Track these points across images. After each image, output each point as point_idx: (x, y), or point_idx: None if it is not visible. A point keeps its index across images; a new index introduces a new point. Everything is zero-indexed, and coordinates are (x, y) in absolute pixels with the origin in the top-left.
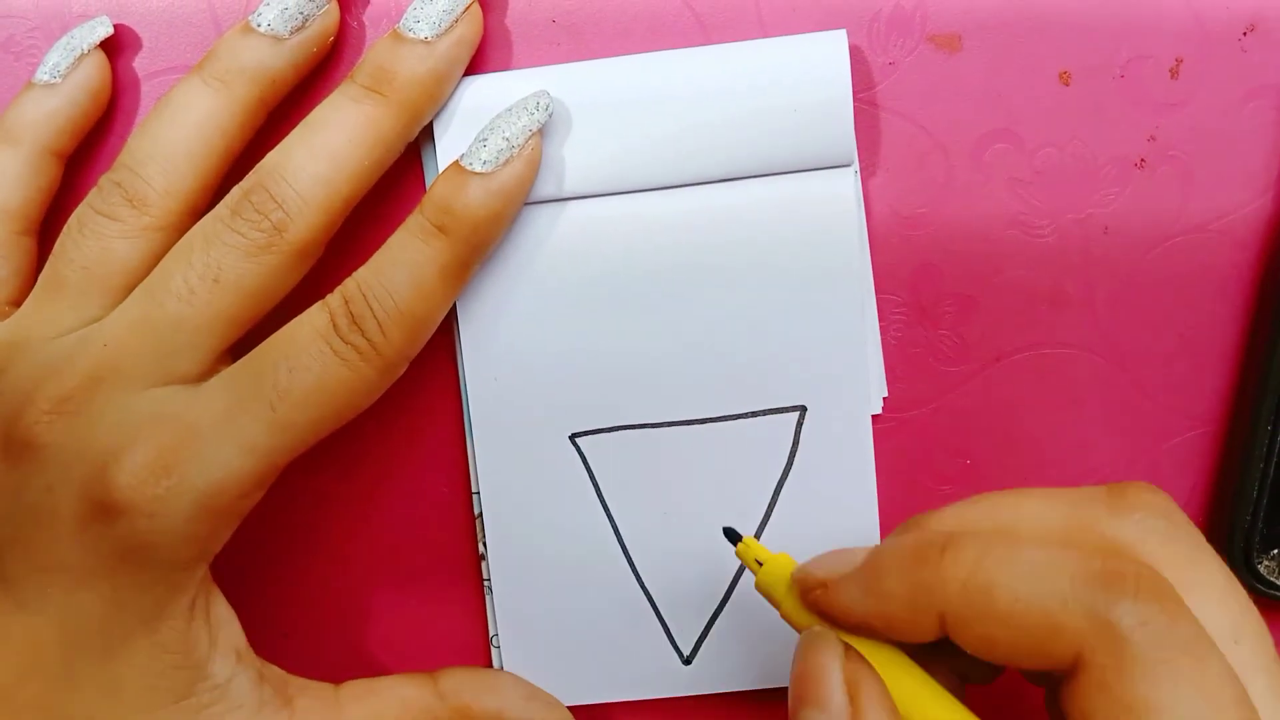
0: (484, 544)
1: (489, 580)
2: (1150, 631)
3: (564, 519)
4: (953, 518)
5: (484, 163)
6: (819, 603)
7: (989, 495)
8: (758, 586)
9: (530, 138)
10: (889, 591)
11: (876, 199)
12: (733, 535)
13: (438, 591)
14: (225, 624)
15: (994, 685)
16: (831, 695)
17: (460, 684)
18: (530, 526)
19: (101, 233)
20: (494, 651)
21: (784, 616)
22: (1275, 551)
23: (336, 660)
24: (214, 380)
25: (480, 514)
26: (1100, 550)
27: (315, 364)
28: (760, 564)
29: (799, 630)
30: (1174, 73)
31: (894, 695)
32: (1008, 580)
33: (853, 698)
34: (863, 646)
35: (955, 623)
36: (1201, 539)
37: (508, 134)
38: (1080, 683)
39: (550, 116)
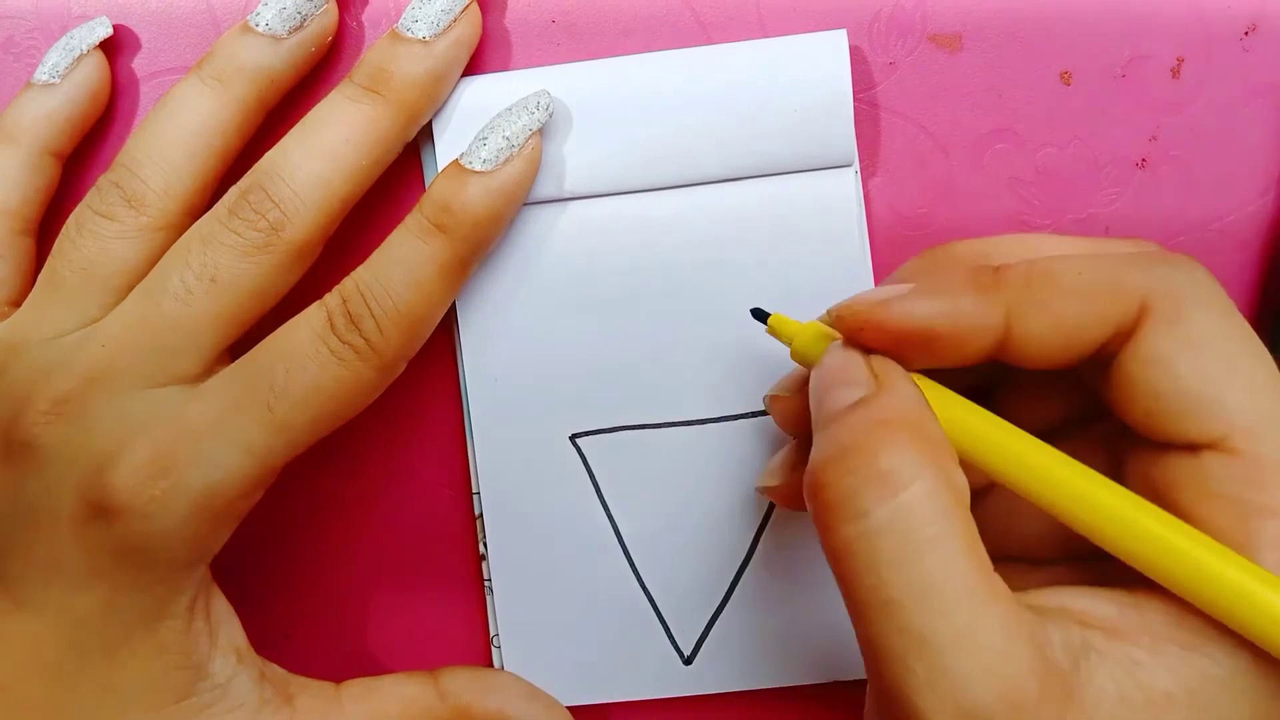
0: (484, 544)
1: (489, 580)
2: (1197, 278)
3: (564, 519)
4: (977, 247)
5: (484, 161)
6: (898, 318)
7: (1012, 235)
8: (794, 355)
9: (530, 137)
10: (955, 294)
11: (877, 199)
12: (760, 314)
13: (438, 592)
14: (225, 623)
15: None
16: (857, 372)
17: (461, 683)
18: (531, 527)
19: (99, 233)
20: (495, 651)
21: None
22: None
23: (337, 660)
24: (211, 381)
25: (481, 514)
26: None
27: (312, 364)
28: (796, 331)
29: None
30: (1175, 72)
31: (939, 408)
32: (1069, 262)
33: (877, 375)
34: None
35: (1025, 313)
36: (1230, 306)
37: (508, 133)
38: (1146, 331)
39: (551, 116)
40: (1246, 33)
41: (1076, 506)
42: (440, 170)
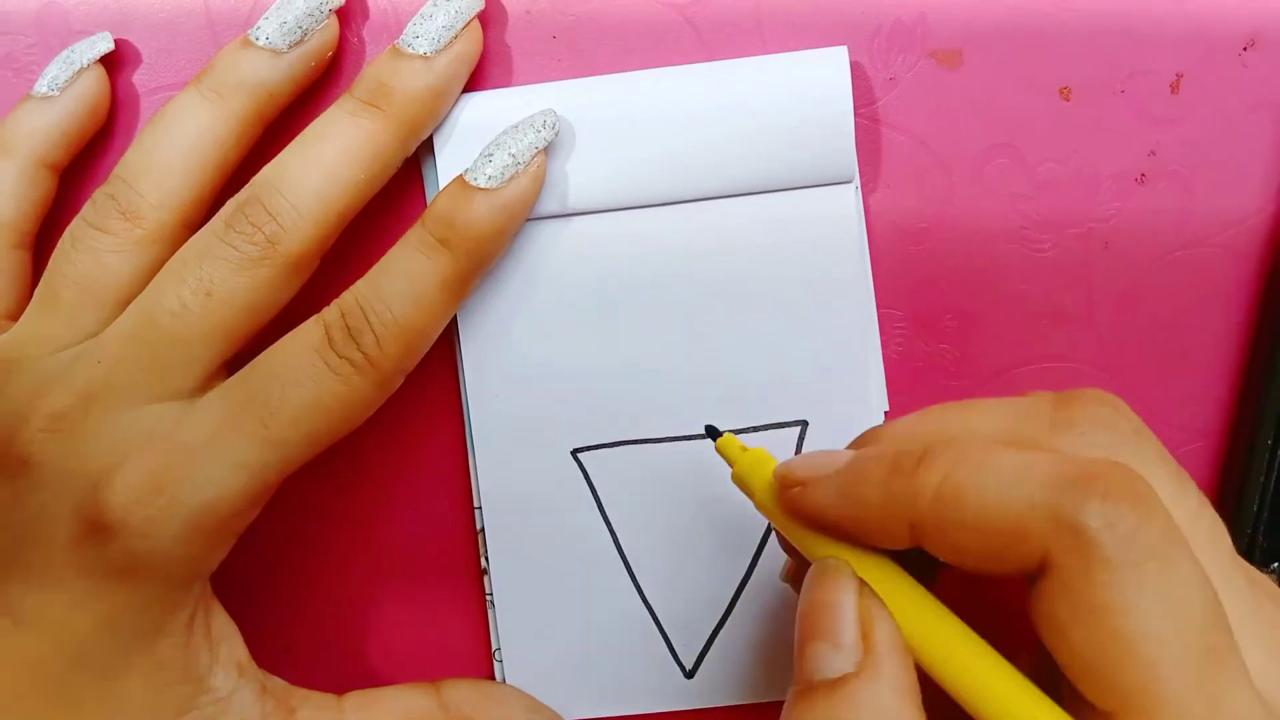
0: (486, 558)
1: (491, 595)
2: (1117, 534)
3: (566, 533)
4: (904, 429)
5: (489, 178)
6: (795, 500)
7: (939, 406)
8: (735, 478)
9: (536, 155)
10: (864, 498)
11: (878, 214)
12: (713, 431)
13: (440, 606)
14: (226, 638)
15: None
16: (844, 631)
17: (463, 696)
18: (532, 541)
19: (95, 247)
20: (496, 665)
21: (758, 507)
22: (1276, 565)
23: (339, 674)
24: (207, 397)
25: (482, 529)
26: (1060, 442)
27: (308, 380)
28: (738, 456)
29: (770, 519)
30: (1174, 88)
31: (902, 618)
32: (978, 487)
33: (864, 635)
34: (850, 554)
35: (927, 531)
36: (1150, 446)
37: (514, 150)
38: (1046, 585)
39: (557, 135)
40: (1245, 48)
41: None
42: (444, 186)
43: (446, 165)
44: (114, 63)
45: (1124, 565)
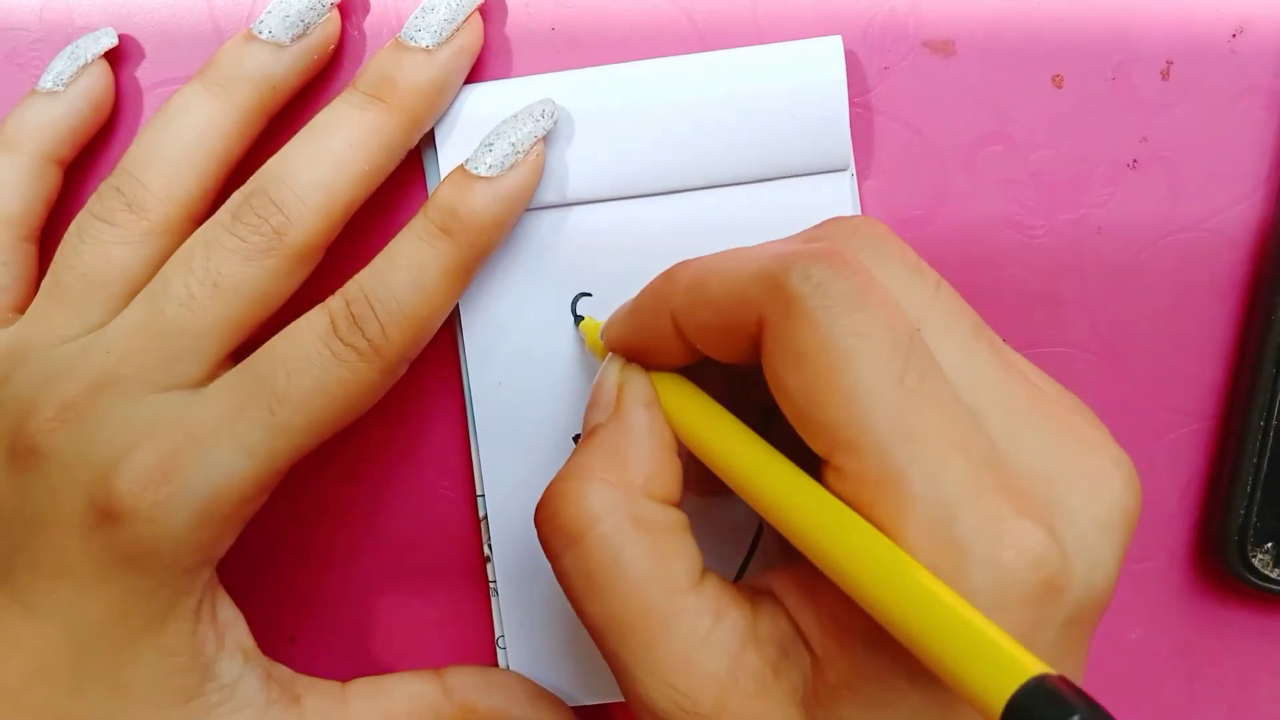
0: (489, 546)
1: (494, 582)
2: (812, 285)
3: None
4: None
5: (490, 167)
6: (608, 338)
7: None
8: (588, 347)
9: (535, 144)
10: (640, 308)
11: (872, 202)
12: (577, 318)
13: (444, 594)
14: (232, 625)
15: None
16: (605, 395)
17: (466, 682)
18: (534, 529)
19: (101, 239)
20: (500, 653)
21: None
22: (1269, 545)
23: (343, 663)
24: (214, 385)
25: (485, 516)
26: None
27: (314, 367)
28: (587, 327)
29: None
30: (1165, 75)
31: (670, 406)
32: (717, 270)
33: (618, 393)
34: (659, 378)
35: (681, 320)
36: (889, 245)
37: (514, 139)
38: (764, 344)
39: (556, 124)
40: (1234, 35)
41: (749, 490)
42: (445, 176)
43: (448, 156)
44: (117, 58)
45: (819, 308)
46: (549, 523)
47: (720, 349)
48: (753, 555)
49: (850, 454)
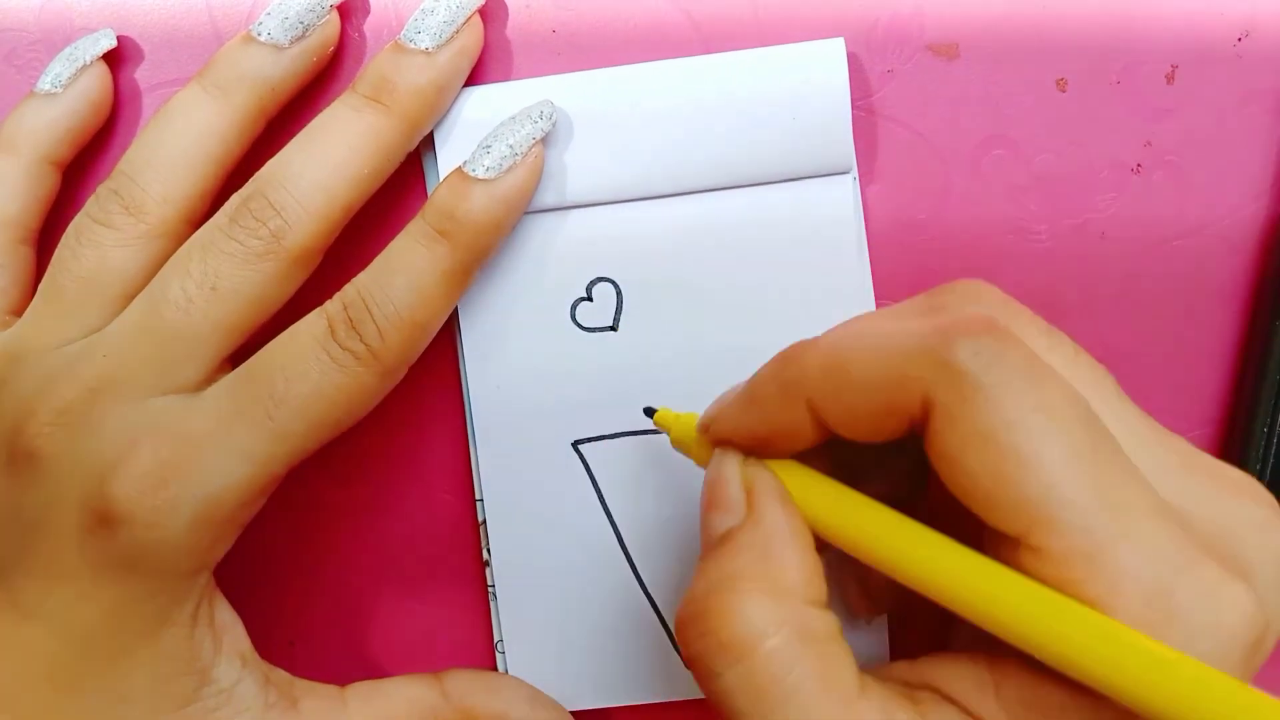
0: (488, 550)
1: (493, 586)
2: (983, 361)
3: (567, 525)
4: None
5: (487, 169)
6: (718, 434)
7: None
8: (675, 444)
9: (533, 145)
10: (763, 398)
11: (875, 206)
12: (649, 411)
13: (443, 598)
14: (229, 629)
15: None
16: (731, 495)
17: (465, 686)
18: (534, 533)
19: (99, 241)
20: (499, 657)
21: (696, 462)
22: None
23: (342, 667)
24: (212, 389)
25: (484, 521)
26: (937, 314)
27: (312, 371)
28: (672, 423)
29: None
30: (1169, 79)
31: (803, 499)
32: (859, 350)
33: (749, 493)
34: (773, 466)
35: (822, 407)
36: (1019, 310)
37: (511, 141)
38: (934, 426)
39: (554, 125)
40: (1239, 39)
41: (928, 579)
42: (443, 178)
43: (447, 159)
44: (116, 59)
45: (996, 385)
46: (704, 639)
47: (869, 430)
48: None
49: (1050, 532)
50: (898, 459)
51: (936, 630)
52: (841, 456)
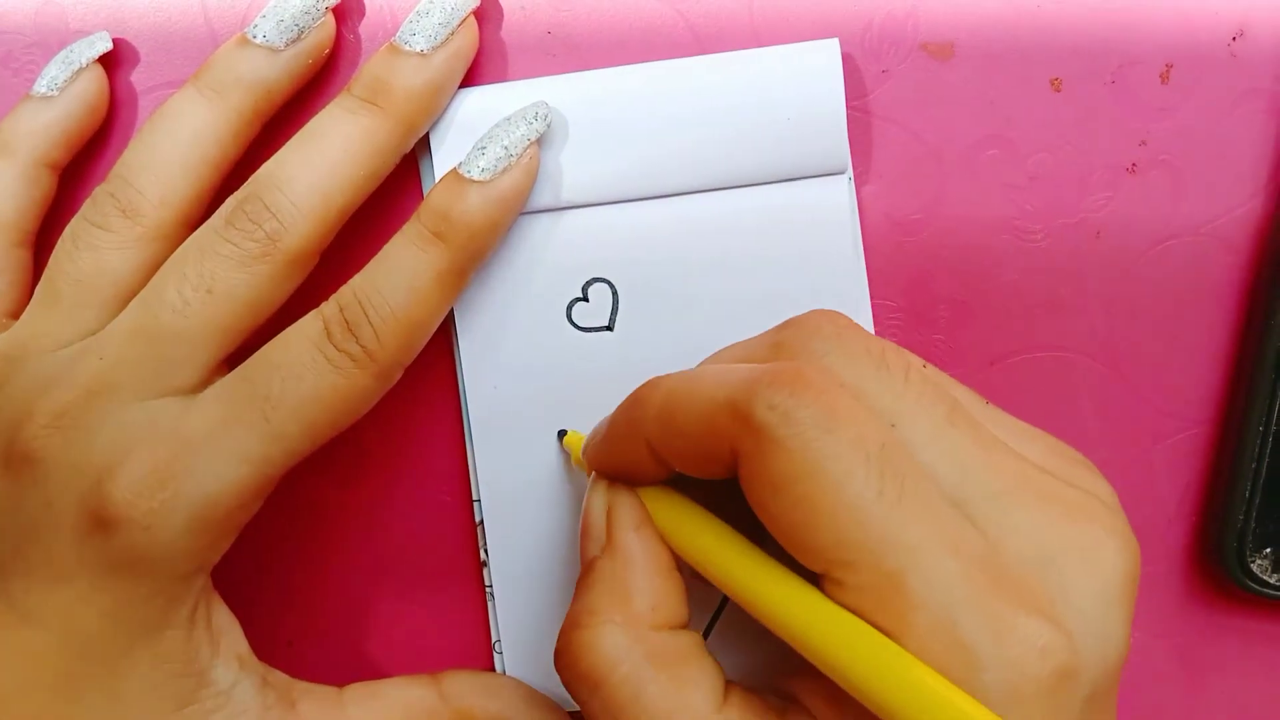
0: (485, 551)
1: (490, 587)
2: (781, 415)
3: (564, 525)
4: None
5: (482, 170)
6: (587, 460)
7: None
8: (574, 462)
9: (528, 147)
10: (615, 435)
11: (870, 206)
12: (561, 433)
13: (440, 599)
14: (227, 631)
15: None
16: (594, 524)
17: (463, 687)
18: (531, 533)
19: (95, 244)
20: (496, 658)
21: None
22: (1268, 550)
23: (339, 668)
24: (209, 391)
25: (481, 521)
26: (763, 358)
27: (309, 372)
28: (570, 445)
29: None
30: (1164, 78)
31: (665, 524)
32: (686, 397)
33: (609, 526)
34: (648, 494)
35: (656, 447)
36: (852, 337)
37: (506, 143)
38: (742, 474)
39: (549, 126)
40: (1234, 38)
41: (752, 603)
42: (438, 180)
43: (443, 160)
44: (112, 62)
45: (789, 438)
46: (569, 670)
47: (699, 471)
48: (719, 615)
49: (845, 569)
50: None
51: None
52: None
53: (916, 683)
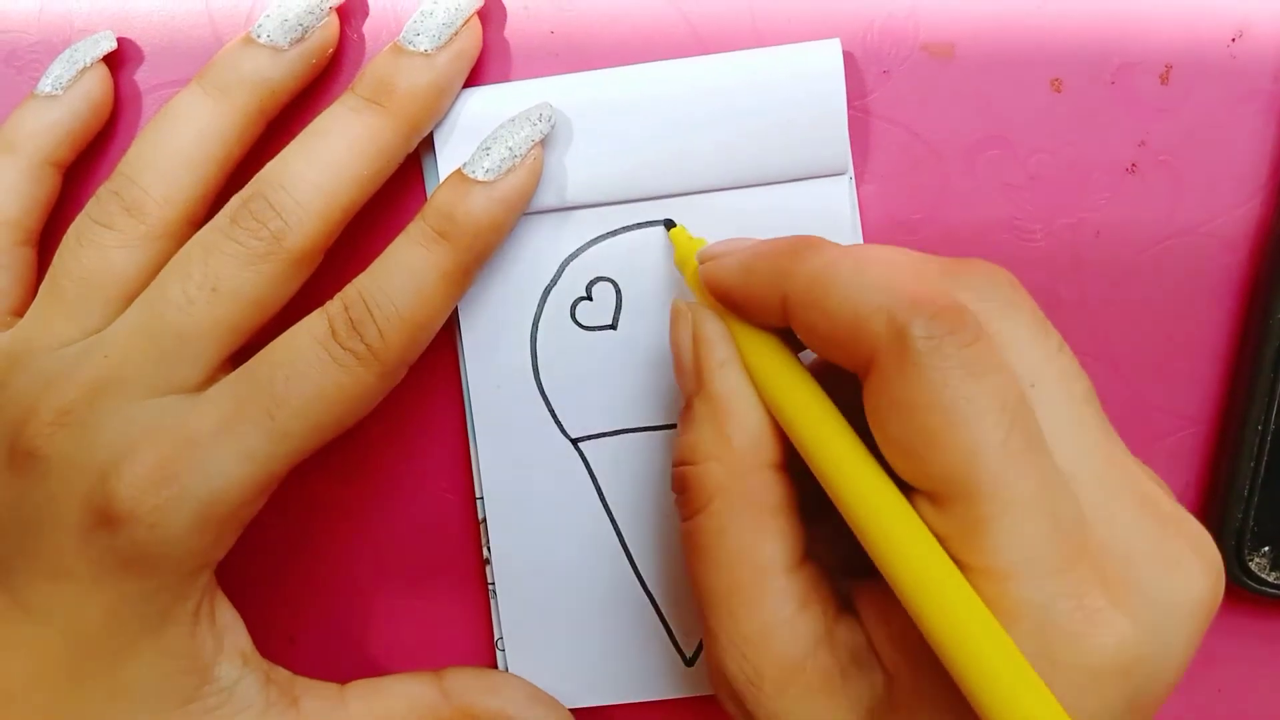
0: (488, 548)
1: (493, 584)
2: (930, 343)
3: (567, 523)
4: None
5: (487, 171)
6: (706, 272)
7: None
8: (676, 261)
9: (533, 148)
10: (755, 269)
11: (871, 205)
12: (669, 223)
13: (443, 596)
14: (230, 628)
15: None
16: (685, 363)
17: (465, 684)
18: (534, 530)
19: (99, 243)
20: (499, 655)
21: (688, 283)
22: (1266, 549)
23: (342, 665)
24: (213, 389)
25: (484, 519)
26: (934, 283)
27: (313, 371)
28: (682, 240)
29: (694, 293)
30: (1164, 79)
31: (760, 368)
32: (844, 281)
33: (702, 361)
34: (748, 335)
35: (792, 306)
36: (1021, 302)
37: (511, 143)
38: (871, 381)
39: (553, 127)
40: (1234, 39)
41: (851, 511)
42: (443, 180)
43: (447, 160)
44: (116, 61)
45: (931, 369)
46: (678, 496)
47: (819, 349)
48: None
49: (944, 499)
50: None
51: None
52: None
53: (980, 628)
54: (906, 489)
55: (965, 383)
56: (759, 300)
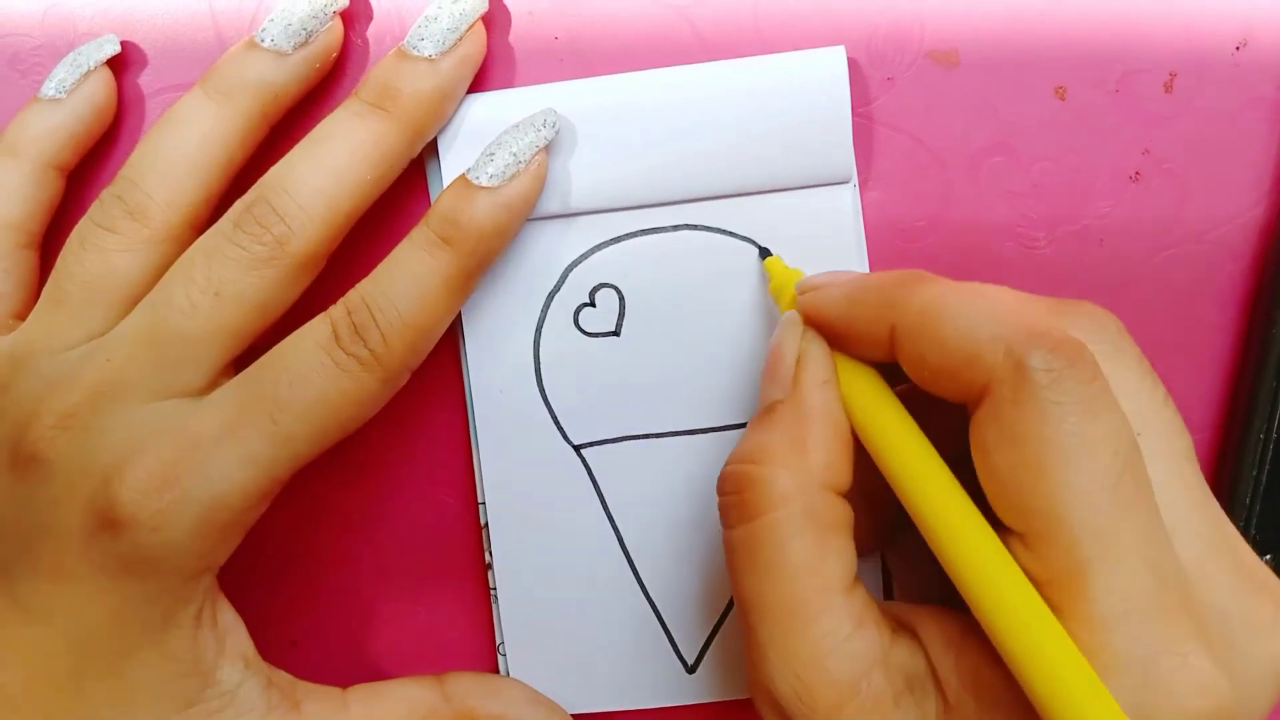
0: (490, 553)
1: (495, 589)
2: (1050, 376)
3: (569, 528)
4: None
5: (491, 177)
6: (807, 302)
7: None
8: (771, 290)
9: (537, 154)
10: (862, 300)
11: (875, 212)
12: (764, 251)
13: (445, 600)
14: (232, 631)
15: None
16: (782, 370)
17: (466, 688)
18: (536, 536)
19: (102, 246)
20: (500, 659)
21: (782, 312)
22: (1269, 557)
23: (344, 669)
24: (216, 393)
25: (486, 524)
26: (1045, 320)
27: (316, 375)
28: (777, 269)
29: None
30: (1168, 87)
31: (850, 394)
32: (957, 312)
33: (798, 371)
34: (844, 360)
35: (901, 336)
36: (1128, 348)
37: (515, 149)
38: (982, 410)
39: (557, 134)
40: (1238, 48)
41: (942, 547)
42: (447, 185)
43: (451, 166)
44: (120, 64)
45: (1049, 403)
46: (728, 496)
47: (925, 382)
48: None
49: (1042, 539)
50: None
51: (929, 579)
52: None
53: (1078, 677)
54: (999, 530)
55: (1082, 420)
56: (864, 330)
